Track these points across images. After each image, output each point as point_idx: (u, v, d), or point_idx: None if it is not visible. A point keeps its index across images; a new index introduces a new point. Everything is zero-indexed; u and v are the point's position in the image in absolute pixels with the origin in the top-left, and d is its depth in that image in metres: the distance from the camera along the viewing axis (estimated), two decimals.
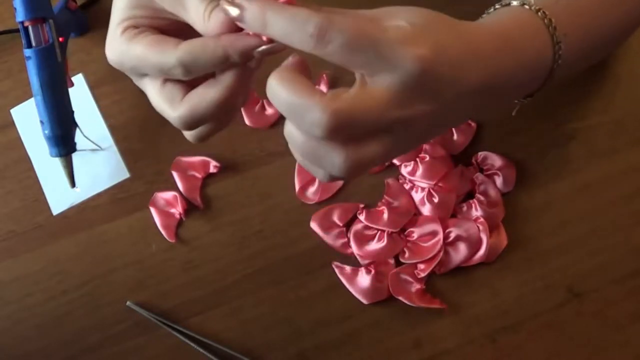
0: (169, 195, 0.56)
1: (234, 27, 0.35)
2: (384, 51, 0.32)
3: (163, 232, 0.55)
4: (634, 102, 0.58)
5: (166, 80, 0.37)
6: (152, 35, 0.37)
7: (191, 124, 0.37)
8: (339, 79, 0.58)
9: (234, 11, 0.33)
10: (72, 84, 0.54)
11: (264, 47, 0.34)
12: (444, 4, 0.56)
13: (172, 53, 0.35)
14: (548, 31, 0.41)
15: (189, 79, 0.36)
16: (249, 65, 0.37)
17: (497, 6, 0.43)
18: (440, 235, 0.52)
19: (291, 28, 0.31)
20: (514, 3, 0.42)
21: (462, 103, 0.36)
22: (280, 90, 0.32)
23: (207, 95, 0.36)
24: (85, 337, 0.53)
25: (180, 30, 0.37)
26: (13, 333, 0.53)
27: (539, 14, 0.41)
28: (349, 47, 0.31)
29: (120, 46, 0.37)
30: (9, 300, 0.54)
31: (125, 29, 0.37)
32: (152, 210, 0.55)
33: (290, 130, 0.35)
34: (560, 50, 0.41)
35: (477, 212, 0.53)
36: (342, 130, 0.32)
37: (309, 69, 0.34)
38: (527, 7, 0.41)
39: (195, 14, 0.35)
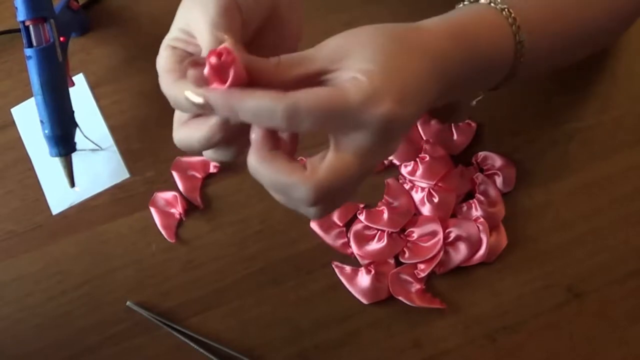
0: (169, 195, 0.56)
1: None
2: (351, 117, 0.33)
3: (163, 232, 0.55)
4: (633, 101, 0.58)
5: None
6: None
7: (185, 149, 0.38)
8: None
9: (197, 99, 0.33)
10: (72, 84, 0.54)
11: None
12: (440, 6, 0.56)
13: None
14: (511, 29, 0.41)
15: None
16: None
17: (465, 2, 0.44)
18: (440, 235, 0.52)
19: (260, 117, 0.32)
20: (482, 0, 0.43)
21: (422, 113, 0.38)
22: (261, 172, 0.34)
23: (194, 134, 0.37)
24: (85, 337, 0.53)
25: None
26: (13, 333, 0.53)
27: (504, 12, 0.42)
28: (319, 123, 0.33)
29: (161, 61, 0.38)
30: (9, 300, 0.54)
31: (167, 47, 0.38)
32: (152, 210, 0.55)
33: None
34: (523, 48, 0.42)
35: (477, 212, 0.53)
36: (324, 198, 0.34)
37: (276, 135, 0.35)
38: (492, 5, 0.42)
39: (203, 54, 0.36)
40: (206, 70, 0.32)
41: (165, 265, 0.54)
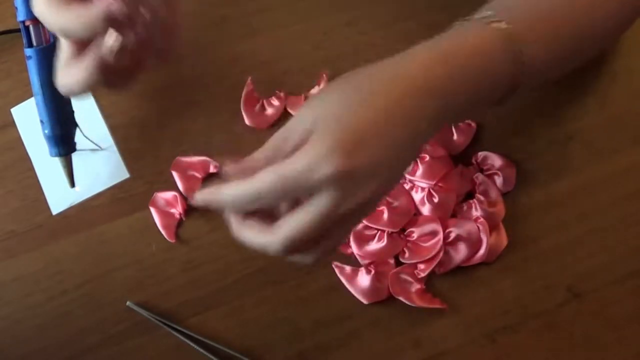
0: (169, 195, 0.55)
1: None
2: (302, 184, 0.35)
3: (163, 232, 0.55)
4: (633, 101, 0.58)
5: None
6: None
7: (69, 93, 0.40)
8: None
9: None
10: None
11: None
12: (439, 7, 0.56)
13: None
14: (510, 46, 0.41)
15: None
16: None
17: (470, 18, 0.43)
18: (440, 235, 0.52)
19: (235, 205, 0.38)
20: (484, 19, 0.42)
21: (411, 150, 0.39)
22: (242, 236, 0.40)
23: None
24: (85, 337, 0.53)
25: None
26: (13, 333, 0.53)
27: (501, 26, 0.41)
28: (279, 198, 0.36)
29: None
30: (9, 300, 0.54)
31: None
32: (152, 210, 0.55)
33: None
34: (522, 65, 0.42)
35: (477, 212, 0.53)
36: (295, 250, 0.38)
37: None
38: (487, 19, 0.42)
39: None
40: None
41: (165, 265, 0.54)
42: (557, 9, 0.44)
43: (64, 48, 0.38)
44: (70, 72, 0.38)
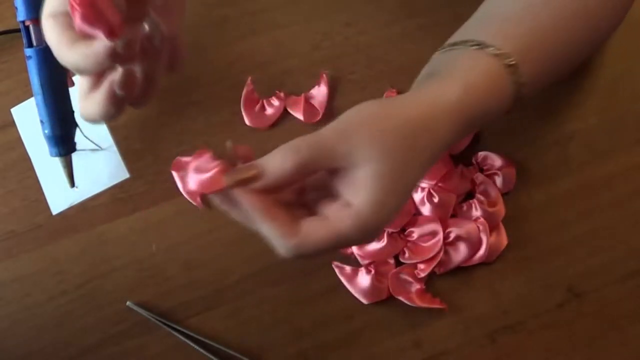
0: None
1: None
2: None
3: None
4: (633, 100, 0.58)
5: None
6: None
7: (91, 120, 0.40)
8: (340, 78, 0.58)
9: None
10: (72, 84, 0.54)
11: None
12: (439, 7, 0.56)
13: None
14: (515, 87, 0.42)
15: None
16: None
17: (474, 47, 0.43)
18: (440, 235, 0.52)
19: (268, 239, 0.37)
20: (490, 51, 0.42)
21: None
22: (256, 217, 0.37)
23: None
24: (85, 337, 0.53)
25: None
26: (13, 333, 0.53)
27: (511, 68, 0.41)
28: (317, 254, 0.37)
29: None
30: (9, 300, 0.54)
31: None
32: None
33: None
34: (523, 88, 0.42)
35: (477, 212, 0.53)
36: (301, 256, 0.37)
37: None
38: (499, 60, 0.41)
39: None
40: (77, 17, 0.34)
41: (165, 265, 0.54)
42: (544, 20, 0.44)
43: (81, 81, 0.39)
44: (88, 105, 0.39)
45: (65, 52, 0.36)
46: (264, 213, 0.36)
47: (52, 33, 0.37)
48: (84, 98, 0.39)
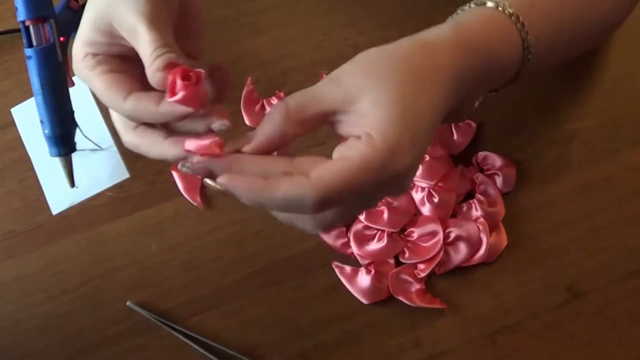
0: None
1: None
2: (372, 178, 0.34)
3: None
4: (633, 101, 0.58)
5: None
6: (107, 74, 0.37)
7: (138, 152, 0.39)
8: None
9: (218, 187, 0.35)
10: (72, 84, 0.54)
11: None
12: (439, 7, 0.56)
13: (121, 104, 0.36)
14: (520, 35, 0.42)
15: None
16: None
17: (472, 5, 0.43)
18: (440, 235, 0.52)
19: (290, 208, 0.34)
20: (489, 4, 0.42)
21: (435, 128, 0.38)
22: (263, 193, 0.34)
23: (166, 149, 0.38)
24: (85, 337, 0.53)
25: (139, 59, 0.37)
26: (13, 333, 0.53)
27: (512, 17, 0.41)
28: (346, 199, 0.35)
29: (82, 72, 0.38)
30: (9, 300, 0.54)
31: (85, 55, 0.38)
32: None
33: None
34: (530, 54, 0.42)
35: (477, 212, 0.53)
36: (330, 203, 0.34)
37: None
38: (500, 9, 0.42)
39: (144, 53, 0.36)
40: (170, 82, 0.34)
41: (165, 265, 0.54)
42: (564, 9, 0.45)
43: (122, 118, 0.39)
44: (145, 143, 0.38)
45: (122, 104, 0.36)
46: (264, 186, 0.34)
47: (102, 83, 0.37)
48: (130, 132, 0.38)
